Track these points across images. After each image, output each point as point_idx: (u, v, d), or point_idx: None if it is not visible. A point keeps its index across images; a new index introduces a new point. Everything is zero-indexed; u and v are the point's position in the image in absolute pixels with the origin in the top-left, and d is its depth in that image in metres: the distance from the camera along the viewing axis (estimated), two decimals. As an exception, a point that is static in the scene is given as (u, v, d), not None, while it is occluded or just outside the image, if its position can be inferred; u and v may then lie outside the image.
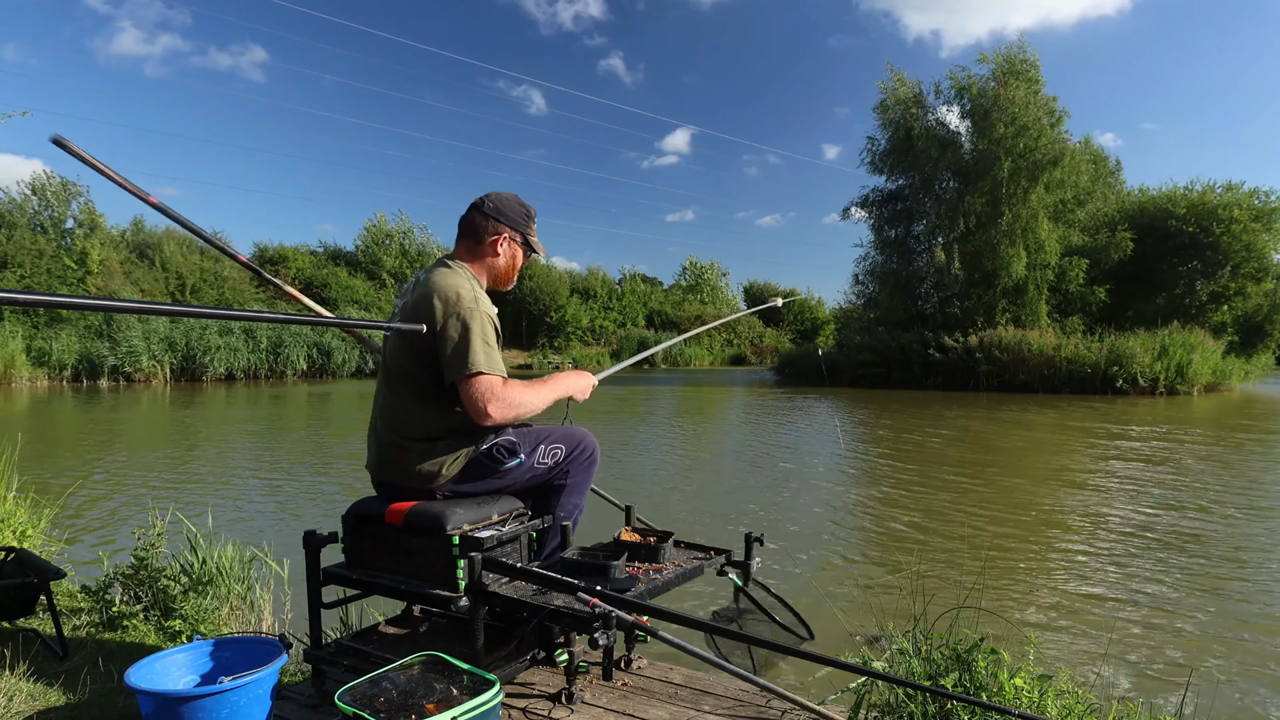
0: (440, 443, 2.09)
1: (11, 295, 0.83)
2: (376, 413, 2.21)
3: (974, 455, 10.09)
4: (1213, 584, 4.75)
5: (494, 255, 2.21)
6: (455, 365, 1.99)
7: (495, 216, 2.20)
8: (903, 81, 26.05)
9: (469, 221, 2.22)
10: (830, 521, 6.47)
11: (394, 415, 2.12)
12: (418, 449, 2.08)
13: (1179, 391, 20.38)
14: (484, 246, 2.20)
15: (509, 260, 2.25)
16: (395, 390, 2.13)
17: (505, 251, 2.23)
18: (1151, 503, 7.02)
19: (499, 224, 2.20)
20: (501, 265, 2.23)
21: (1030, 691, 1.89)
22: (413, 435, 2.09)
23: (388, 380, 2.17)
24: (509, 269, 2.26)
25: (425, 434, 2.09)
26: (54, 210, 29.86)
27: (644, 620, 1.81)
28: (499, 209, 2.21)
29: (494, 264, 2.22)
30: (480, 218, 2.20)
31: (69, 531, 5.47)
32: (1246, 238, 24.55)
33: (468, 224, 2.22)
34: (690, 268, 55.51)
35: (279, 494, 7.58)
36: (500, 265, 2.23)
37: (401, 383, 2.11)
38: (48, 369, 24.14)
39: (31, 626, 2.87)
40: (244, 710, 1.83)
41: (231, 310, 1.19)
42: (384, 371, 2.20)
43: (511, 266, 2.27)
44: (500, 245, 2.21)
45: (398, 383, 2.12)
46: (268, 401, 19.48)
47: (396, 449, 2.10)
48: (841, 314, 32.42)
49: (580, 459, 2.24)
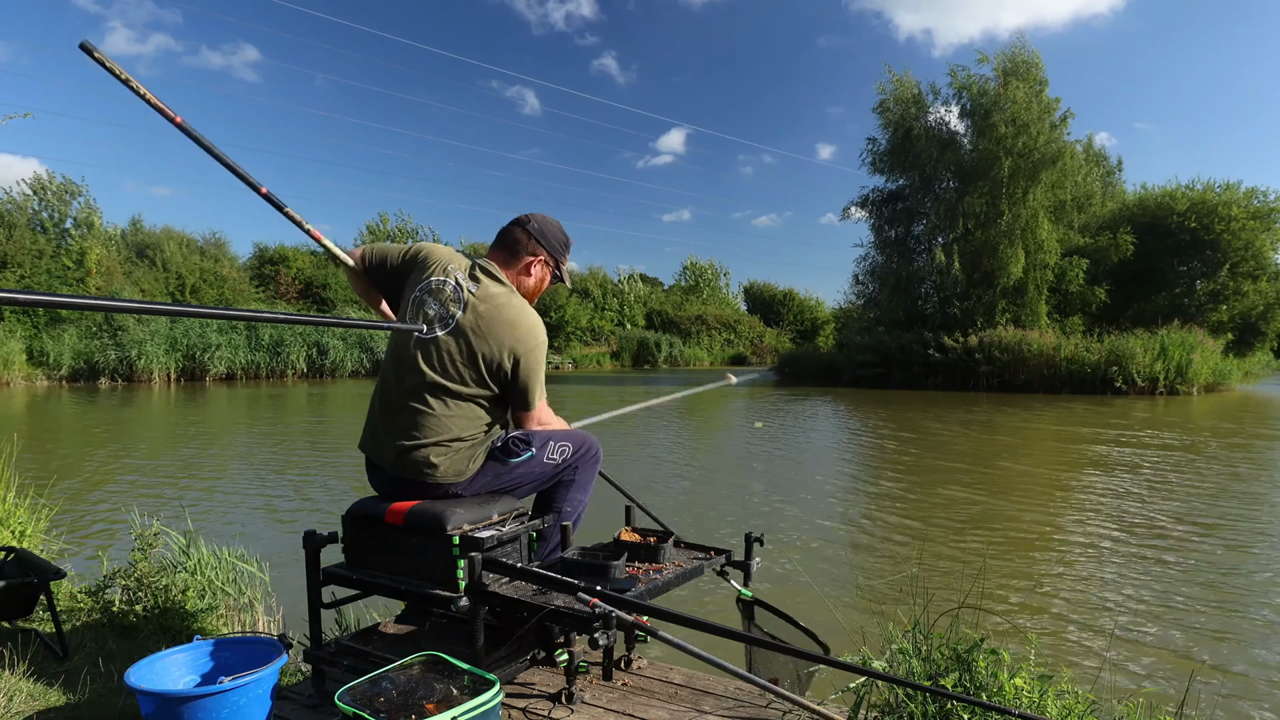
0: (468, 443, 2.13)
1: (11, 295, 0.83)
2: (394, 411, 2.15)
3: (974, 455, 10.09)
4: (1213, 584, 4.75)
5: (527, 275, 2.26)
6: (529, 397, 2.17)
7: (537, 238, 2.24)
8: (902, 82, 26.08)
9: (510, 235, 2.26)
10: (830, 521, 6.48)
11: (426, 418, 2.09)
12: (447, 450, 2.10)
13: (1179, 392, 20.38)
14: (519, 263, 2.24)
15: (538, 282, 2.29)
16: (437, 395, 2.09)
17: (537, 274, 2.27)
18: (1151, 503, 7.02)
19: (539, 245, 2.25)
20: (531, 285, 2.27)
21: (1030, 691, 1.89)
22: (447, 438, 2.10)
23: (428, 377, 2.10)
24: (536, 290, 2.30)
25: (458, 436, 2.11)
26: (54, 210, 29.84)
27: (644, 620, 1.81)
28: (543, 231, 2.26)
29: (524, 282, 2.26)
30: (523, 235, 2.24)
31: (69, 531, 5.47)
32: (1246, 236, 24.59)
33: (509, 238, 2.26)
34: (690, 268, 55.50)
35: (279, 494, 7.58)
36: (529, 285, 2.27)
37: (455, 382, 2.10)
38: (46, 369, 24.14)
39: (31, 626, 2.87)
40: (244, 710, 1.83)
41: (231, 310, 1.19)
42: (418, 373, 2.11)
43: (538, 289, 2.31)
44: (535, 266, 2.26)
45: (448, 382, 2.09)
46: (268, 401, 19.48)
47: (424, 449, 2.09)
48: (841, 314, 32.43)
49: (587, 457, 2.29)
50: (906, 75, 26.14)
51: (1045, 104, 23.78)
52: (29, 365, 23.93)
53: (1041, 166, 23.18)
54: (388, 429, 2.17)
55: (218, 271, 31.79)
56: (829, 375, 25.89)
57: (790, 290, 55.20)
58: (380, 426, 2.20)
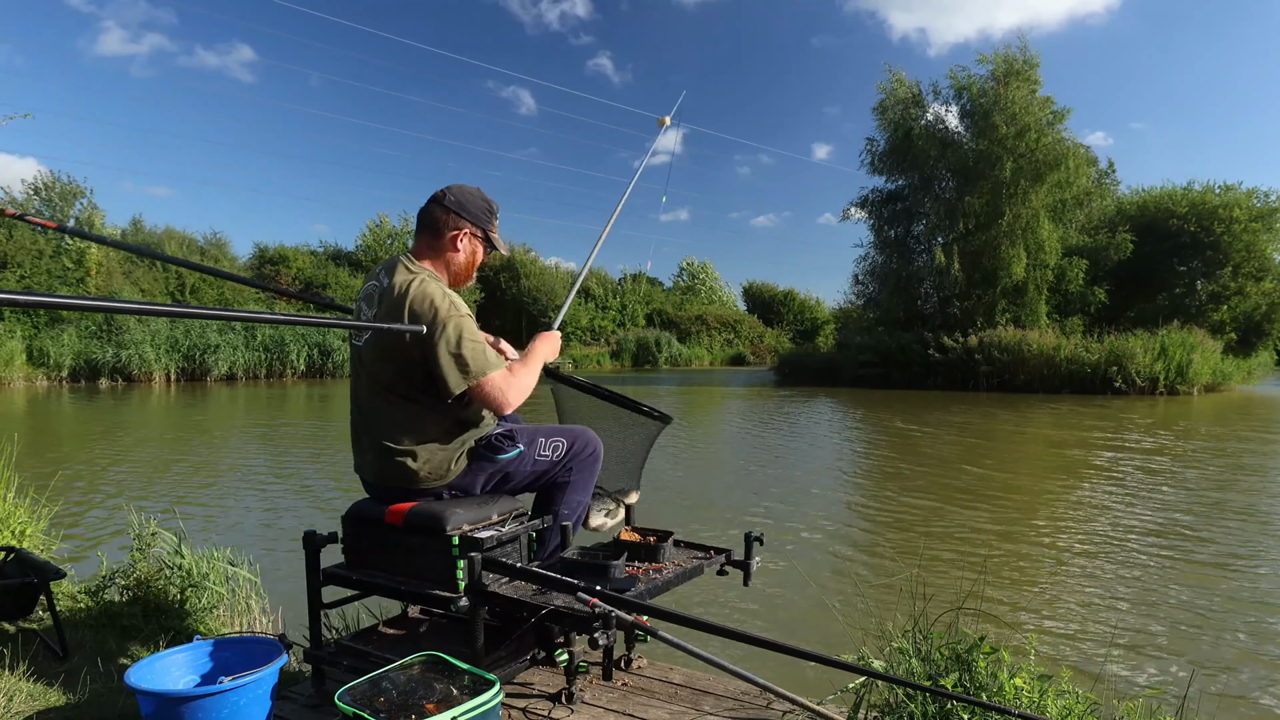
0: (439, 443, 2.07)
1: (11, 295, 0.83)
2: (363, 418, 2.14)
3: (974, 455, 10.09)
4: (1213, 584, 4.75)
5: (454, 251, 2.14)
6: (459, 376, 1.97)
7: (456, 211, 2.12)
8: (901, 82, 26.07)
9: (429, 215, 2.14)
10: (830, 521, 6.47)
11: (388, 422, 2.06)
12: (418, 453, 2.05)
13: (1179, 392, 20.38)
14: (443, 241, 2.13)
15: (469, 256, 2.18)
16: (386, 397, 2.06)
17: (465, 248, 2.16)
18: (1151, 503, 7.02)
19: (460, 219, 2.13)
20: (461, 261, 2.17)
21: (1030, 691, 1.89)
22: (412, 440, 2.05)
23: (373, 387, 2.09)
24: (469, 265, 2.19)
25: (423, 437, 2.06)
26: (55, 210, 29.82)
27: (644, 620, 1.81)
28: (460, 203, 2.13)
29: (454, 259, 2.15)
30: (441, 211, 2.13)
31: (69, 531, 5.47)
32: (1247, 237, 24.59)
33: (427, 217, 2.15)
34: (687, 269, 55.49)
35: (279, 494, 7.58)
36: (460, 261, 2.16)
37: (391, 390, 2.06)
38: (47, 369, 24.12)
39: (31, 626, 2.87)
40: (244, 710, 1.83)
41: (231, 310, 1.19)
42: (367, 377, 2.11)
43: (471, 263, 2.20)
44: (460, 241, 2.14)
45: (388, 390, 2.06)
46: (268, 402, 19.47)
47: (396, 455, 2.05)
48: (841, 314, 32.42)
49: (583, 455, 2.22)
50: (901, 76, 26.16)
51: (1042, 103, 23.77)
52: (29, 365, 23.90)
53: (1045, 168, 23.17)
54: (362, 443, 2.16)
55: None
56: (829, 375, 25.88)
57: (790, 290, 55.15)
58: (357, 442, 2.19)
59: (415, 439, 2.05)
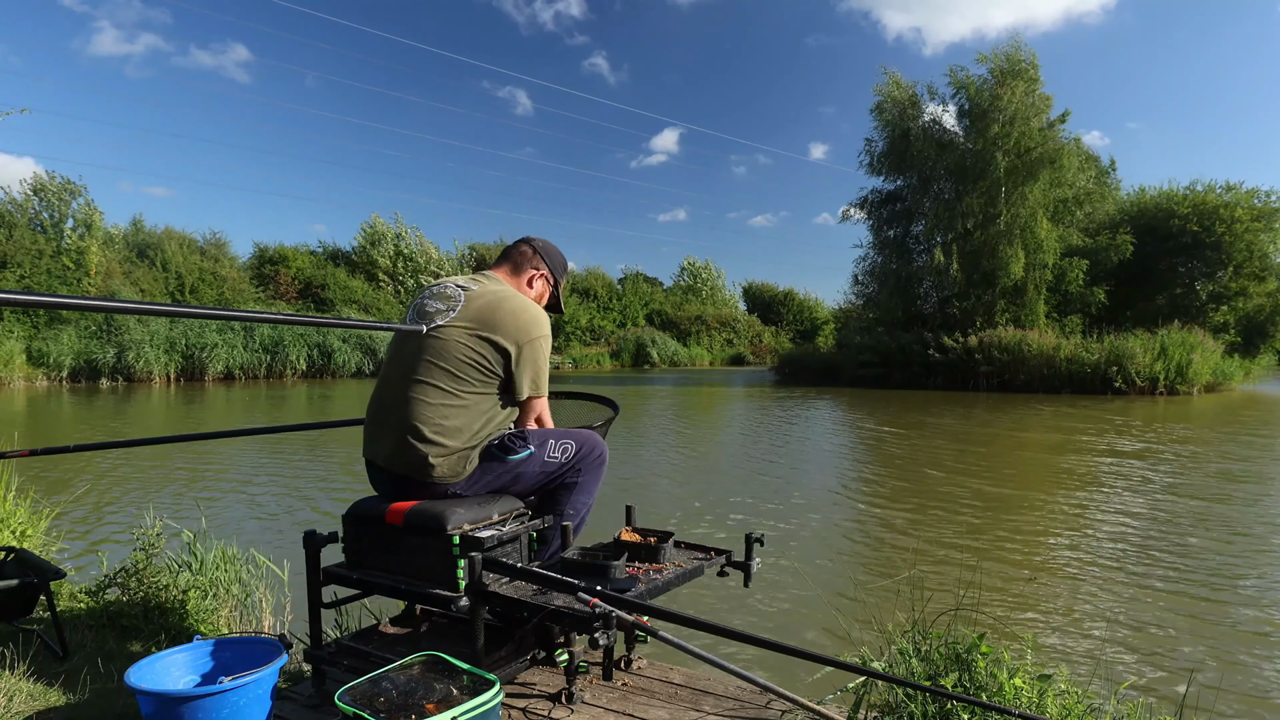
0: (464, 439, 2.11)
1: (11, 296, 0.83)
2: (393, 405, 2.15)
3: (973, 455, 10.09)
4: (1212, 584, 4.75)
5: (529, 288, 2.38)
6: (532, 384, 2.20)
7: (542, 254, 2.40)
8: (898, 84, 26.06)
9: (516, 251, 2.40)
10: (830, 521, 6.48)
11: (424, 411, 2.08)
12: (444, 446, 2.09)
13: (1179, 392, 20.38)
14: (521, 276, 2.37)
15: (538, 296, 2.40)
16: (436, 389, 2.10)
17: (538, 288, 2.40)
18: (1150, 503, 7.02)
19: (542, 261, 2.40)
20: (531, 298, 2.36)
21: (1030, 691, 1.89)
22: (444, 434, 2.08)
23: (423, 377, 2.11)
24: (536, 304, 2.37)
25: (455, 431, 2.10)
26: (54, 210, 29.81)
27: (644, 620, 1.81)
28: (546, 250, 2.42)
29: (526, 294, 2.36)
30: (528, 250, 2.39)
31: (69, 531, 5.47)
32: (1248, 238, 24.58)
33: (514, 252, 2.40)
34: (688, 268, 55.46)
35: (279, 494, 7.58)
36: (530, 297, 2.36)
37: (444, 382, 2.10)
38: (46, 369, 24.12)
39: (31, 626, 2.87)
40: (244, 710, 1.83)
41: (231, 310, 1.19)
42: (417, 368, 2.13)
43: (539, 303, 2.40)
44: (536, 281, 2.39)
45: (440, 382, 2.10)
46: (268, 402, 19.47)
47: (421, 444, 2.07)
48: (841, 314, 32.43)
49: (591, 458, 2.27)
50: (898, 77, 26.15)
51: (1041, 102, 23.78)
52: (29, 365, 23.90)
53: (1039, 165, 23.17)
54: (385, 425, 2.17)
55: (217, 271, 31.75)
56: (829, 375, 25.89)
57: (790, 290, 55.15)
58: (378, 425, 2.21)
59: (446, 430, 2.09)
